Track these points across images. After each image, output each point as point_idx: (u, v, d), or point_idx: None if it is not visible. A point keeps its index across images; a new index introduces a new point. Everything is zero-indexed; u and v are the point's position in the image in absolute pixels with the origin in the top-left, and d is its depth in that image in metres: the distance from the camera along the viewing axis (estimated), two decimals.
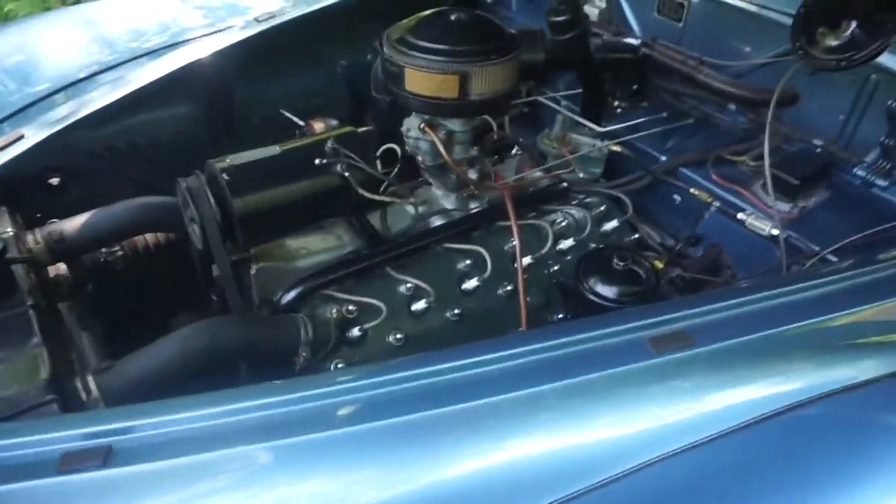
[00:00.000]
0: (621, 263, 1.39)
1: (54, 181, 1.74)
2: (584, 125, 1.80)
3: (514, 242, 1.52)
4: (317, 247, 1.50)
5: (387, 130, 1.54)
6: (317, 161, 1.31)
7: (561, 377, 0.91)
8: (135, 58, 1.74)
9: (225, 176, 1.25)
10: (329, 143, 1.33)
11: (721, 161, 1.74)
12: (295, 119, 1.98)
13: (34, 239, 1.35)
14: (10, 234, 1.28)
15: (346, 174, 1.32)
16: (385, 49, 1.37)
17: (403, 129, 1.49)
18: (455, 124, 1.49)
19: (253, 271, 1.38)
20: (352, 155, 1.33)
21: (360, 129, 1.68)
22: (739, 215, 1.63)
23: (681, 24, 1.91)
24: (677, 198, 1.79)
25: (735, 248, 1.69)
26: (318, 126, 1.79)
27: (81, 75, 1.67)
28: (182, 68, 1.75)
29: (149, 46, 1.78)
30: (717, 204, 1.67)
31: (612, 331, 0.97)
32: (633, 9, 2.03)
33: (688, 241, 1.78)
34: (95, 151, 1.80)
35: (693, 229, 1.78)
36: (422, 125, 1.44)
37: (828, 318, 0.99)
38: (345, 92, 2.15)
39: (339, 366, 1.36)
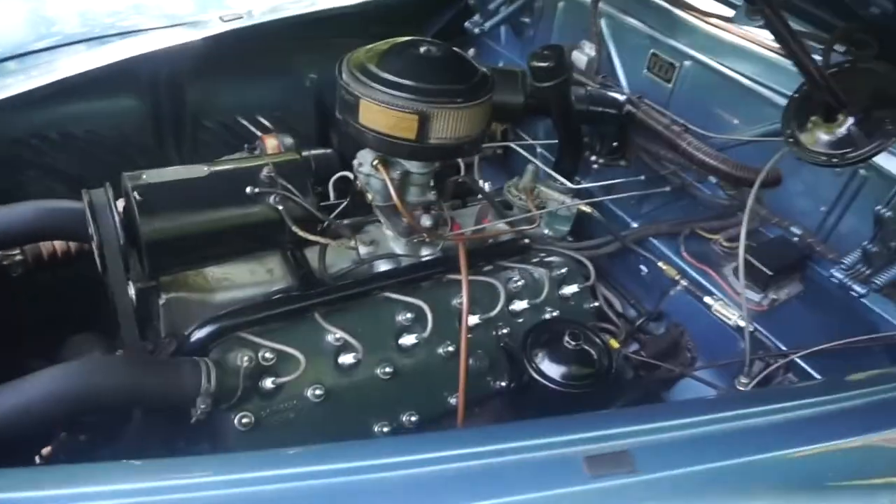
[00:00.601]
0: (572, 343, 1.27)
1: None
2: (556, 179, 1.68)
3: (462, 298, 1.39)
4: (241, 279, 1.35)
5: (351, 155, 1.40)
6: (248, 189, 1.16)
7: (482, 495, 0.77)
8: (76, 42, 1.58)
9: (136, 195, 1.09)
10: (265, 171, 1.18)
11: (694, 236, 1.63)
12: (252, 128, 1.84)
13: None
14: None
15: (280, 207, 1.17)
16: (343, 74, 1.23)
17: (355, 162, 1.35)
18: (413, 165, 1.35)
19: (162, 301, 1.22)
20: (289, 186, 1.18)
21: (303, 156, 1.55)
22: (707, 299, 1.52)
23: (670, 85, 1.82)
24: (644, 269, 1.68)
25: (698, 331, 1.59)
26: (271, 143, 1.64)
27: (9, 54, 1.50)
28: (128, 59, 1.59)
29: (96, 31, 1.62)
30: (684, 282, 1.56)
31: (545, 442, 0.84)
32: (624, 62, 1.93)
33: (650, 316, 1.67)
34: (21, 138, 1.63)
35: (657, 304, 1.67)
36: (375, 162, 1.31)
37: (795, 451, 0.87)
38: (311, 108, 2.00)
39: (244, 420, 1.20)
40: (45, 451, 1.32)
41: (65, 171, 1.72)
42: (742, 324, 1.43)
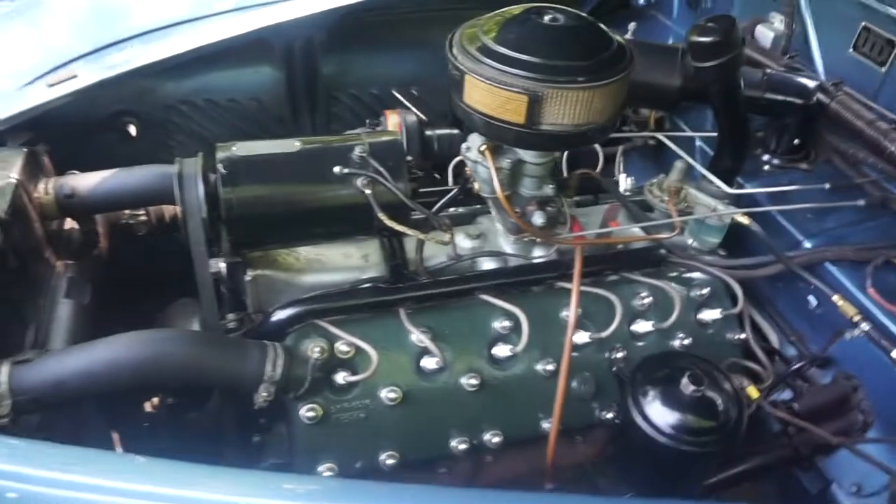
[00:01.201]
0: (692, 387, 1.02)
1: (130, 127, 1.68)
2: (711, 181, 1.39)
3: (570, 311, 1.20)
4: (334, 263, 1.28)
5: None
6: (336, 169, 1.07)
7: None
8: (214, 14, 1.60)
9: (221, 168, 1.04)
10: (357, 150, 1.08)
11: (889, 268, 1.26)
12: (403, 100, 1.75)
13: (45, 189, 1.26)
14: (14, 179, 1.18)
15: (367, 191, 1.06)
16: (453, 46, 1.08)
17: (464, 146, 1.21)
18: (527, 154, 1.18)
19: (248, 277, 1.19)
20: (380, 169, 1.07)
21: (426, 135, 1.43)
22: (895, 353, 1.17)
23: (883, 70, 1.42)
24: (813, 301, 1.35)
25: (879, 390, 1.24)
26: (392, 120, 1.56)
27: (156, 26, 1.56)
28: (263, 28, 1.58)
29: (231, 4, 1.63)
30: (865, 326, 1.21)
31: None
32: (822, 38, 1.56)
33: (814, 360, 1.34)
34: (171, 104, 1.72)
35: (825, 347, 1.33)
36: (482, 147, 1.15)
37: None
38: (446, 83, 1.88)
39: (310, 413, 1.13)
40: (152, 403, 1.39)
41: (208, 138, 1.79)
42: None
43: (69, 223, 1.36)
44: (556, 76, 0.98)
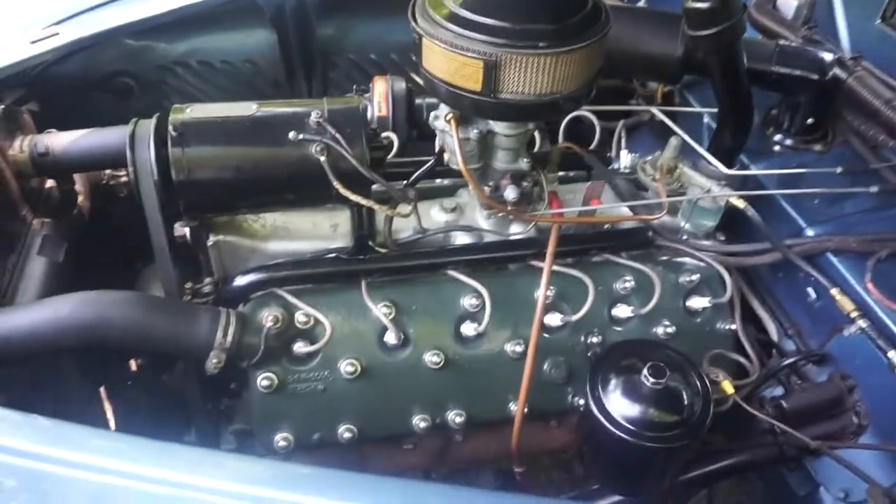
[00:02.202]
0: (651, 379, 0.96)
1: (128, 84, 1.68)
2: (708, 160, 1.29)
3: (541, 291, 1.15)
4: (301, 232, 1.25)
5: None
6: (291, 134, 1.03)
7: None
8: None
9: (172, 130, 1.02)
10: (314, 115, 1.04)
11: (893, 260, 1.15)
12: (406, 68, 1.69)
13: (20, 146, 1.26)
14: None
15: (322, 158, 1.02)
16: (416, 9, 1.02)
17: (432, 115, 1.15)
18: (498, 125, 1.11)
19: (210, 242, 1.17)
20: (337, 136, 1.03)
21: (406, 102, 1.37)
22: (892, 354, 1.06)
23: None
24: (812, 294, 1.25)
25: (874, 393, 1.15)
26: (380, 86, 1.50)
27: None
28: None
29: None
30: (863, 323, 1.11)
31: None
32: (849, 7, 1.42)
33: (809, 356, 1.24)
34: (165, 65, 1.71)
35: (822, 344, 1.24)
36: (448, 116, 1.09)
37: None
38: None
39: (265, 382, 1.12)
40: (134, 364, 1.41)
41: (203, 100, 1.77)
42: None
43: (50, 182, 1.37)
44: (515, 41, 0.91)
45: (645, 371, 0.96)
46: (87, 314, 0.96)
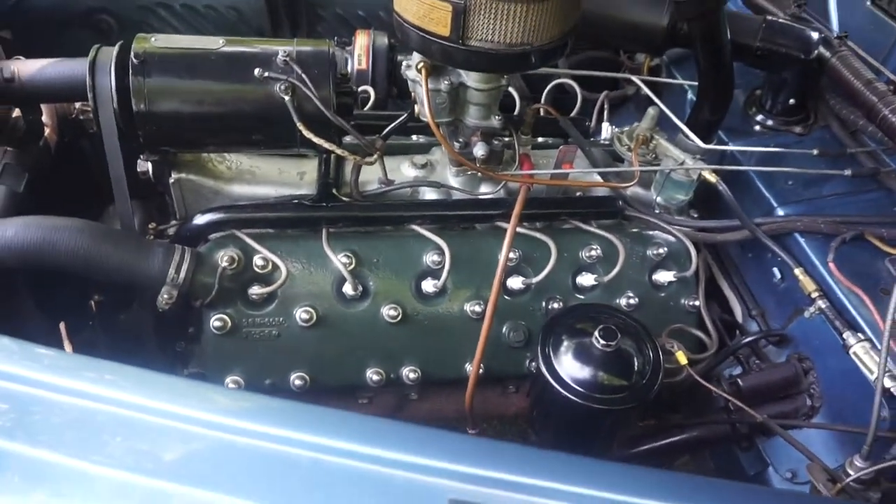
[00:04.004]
0: (602, 341, 0.95)
1: (107, 21, 1.65)
2: (686, 133, 1.28)
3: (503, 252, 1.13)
4: (267, 177, 1.23)
5: None
6: (256, 71, 1.01)
7: None
8: None
9: (134, 58, 1.00)
10: (281, 54, 1.01)
11: (862, 243, 1.15)
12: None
13: None
14: None
15: (286, 97, 1.00)
16: None
17: (404, 64, 1.13)
18: (470, 77, 1.09)
19: (171, 179, 1.15)
20: (303, 76, 1.01)
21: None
22: (847, 334, 1.06)
23: None
24: (777, 274, 1.24)
25: (829, 375, 1.14)
26: (361, 39, 1.48)
27: None
28: None
29: None
30: (822, 304, 1.11)
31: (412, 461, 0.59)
32: None
33: (769, 336, 1.24)
34: (147, 5, 1.67)
35: (784, 325, 1.23)
36: (419, 65, 1.07)
37: None
38: None
39: (217, 323, 1.11)
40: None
41: None
42: (890, 384, 0.97)
43: (17, 112, 1.34)
44: None
45: (596, 333, 0.95)
46: (32, 236, 0.94)
